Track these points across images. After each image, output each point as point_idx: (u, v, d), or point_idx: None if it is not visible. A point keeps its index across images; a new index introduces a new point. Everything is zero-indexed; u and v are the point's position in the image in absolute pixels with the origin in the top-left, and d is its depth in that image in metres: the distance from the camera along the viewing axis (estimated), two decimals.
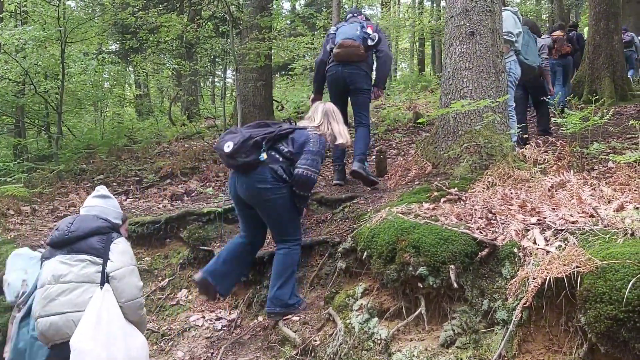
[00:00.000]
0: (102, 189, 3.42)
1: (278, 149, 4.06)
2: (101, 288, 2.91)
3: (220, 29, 12.44)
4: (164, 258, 5.71)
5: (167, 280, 5.47)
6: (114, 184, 8.58)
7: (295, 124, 4.39)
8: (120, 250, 3.07)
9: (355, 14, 5.74)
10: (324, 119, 4.40)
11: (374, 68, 5.72)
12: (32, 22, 10.54)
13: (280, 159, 4.03)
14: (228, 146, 3.93)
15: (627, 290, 2.25)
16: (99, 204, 3.28)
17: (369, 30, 5.45)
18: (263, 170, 3.97)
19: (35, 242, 5.85)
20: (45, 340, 2.88)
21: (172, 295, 5.31)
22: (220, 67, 17.96)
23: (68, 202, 7.70)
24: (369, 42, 5.41)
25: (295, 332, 3.84)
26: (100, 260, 2.97)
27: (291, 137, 4.13)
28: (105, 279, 2.94)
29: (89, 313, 2.79)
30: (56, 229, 3.08)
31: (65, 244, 3.00)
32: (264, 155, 3.96)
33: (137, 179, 8.79)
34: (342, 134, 4.45)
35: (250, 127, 4.28)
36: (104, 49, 16.21)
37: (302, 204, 4.26)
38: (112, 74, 12.49)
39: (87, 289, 2.88)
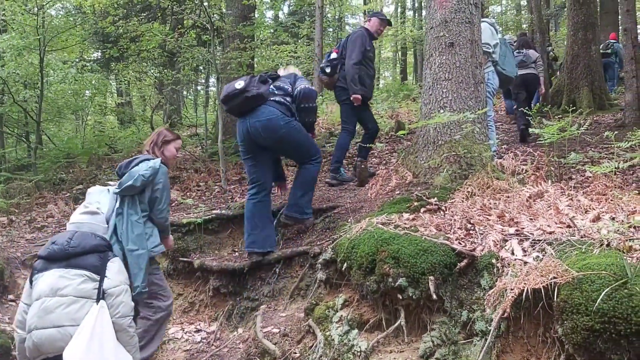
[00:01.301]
0: (89, 206, 3.47)
1: (279, 85, 4.70)
2: (97, 304, 2.93)
3: (202, 38, 12.41)
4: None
5: None
6: None
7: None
8: (117, 269, 3.13)
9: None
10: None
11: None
12: (11, 30, 10.41)
13: (282, 93, 4.64)
14: (239, 84, 4.49)
15: (602, 301, 2.27)
16: (88, 220, 3.32)
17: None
18: (270, 104, 4.54)
19: (12, 253, 5.74)
20: (36, 354, 2.85)
21: None
22: (203, 75, 17.89)
23: (46, 213, 7.59)
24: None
25: (275, 344, 3.80)
26: (97, 277, 3.01)
27: (285, 78, 4.81)
28: (101, 295, 2.98)
29: (83, 327, 2.81)
30: (53, 243, 3.09)
31: (64, 259, 3.01)
32: (274, 89, 4.64)
33: None
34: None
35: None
36: (85, 57, 16.07)
37: (311, 118, 4.79)
38: (92, 82, 12.35)
39: (83, 304, 2.91)
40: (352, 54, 5.97)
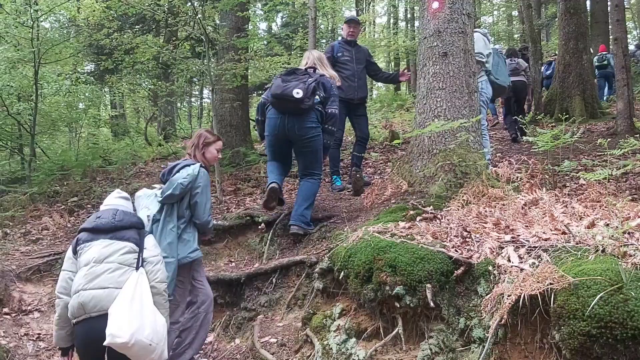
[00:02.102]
0: (121, 192, 3.84)
1: (317, 94, 4.96)
2: (137, 271, 3.27)
3: (196, 50, 12.45)
4: None
5: None
6: (88, 206, 8.41)
7: (314, 71, 5.20)
8: (153, 243, 3.52)
9: None
10: (322, 67, 5.35)
11: None
12: (5, 42, 10.41)
13: (318, 102, 4.96)
14: (298, 93, 4.75)
15: (599, 306, 2.29)
16: (123, 203, 3.69)
17: None
18: (313, 113, 4.93)
19: (7, 266, 5.71)
20: (80, 312, 3.14)
21: None
22: (197, 87, 17.93)
23: (41, 226, 7.55)
24: None
25: (272, 354, 3.79)
26: (137, 249, 3.36)
27: (322, 84, 5.03)
28: (141, 264, 3.31)
29: (126, 290, 3.15)
30: (98, 217, 3.47)
31: (110, 231, 3.37)
32: (317, 98, 4.95)
33: None
34: (334, 76, 5.43)
35: (291, 76, 5.00)
36: (79, 69, 16.07)
37: (330, 140, 5.20)
38: (86, 94, 12.33)
39: (126, 271, 3.24)
40: None
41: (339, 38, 6.81)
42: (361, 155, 6.60)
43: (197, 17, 8.39)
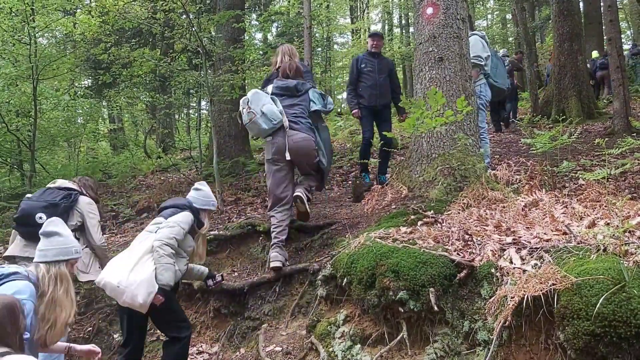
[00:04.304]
0: (198, 184, 4.39)
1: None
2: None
3: (193, 62, 12.48)
4: None
5: None
6: None
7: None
8: (182, 214, 3.98)
9: None
10: (292, 56, 5.53)
11: None
12: (3, 59, 10.46)
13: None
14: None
15: (602, 306, 2.30)
16: (191, 194, 4.29)
17: None
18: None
19: None
20: None
21: (151, 330, 5.20)
22: (195, 98, 17.99)
23: None
24: None
25: None
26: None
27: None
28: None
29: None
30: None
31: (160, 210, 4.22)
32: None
33: (113, 214, 8.67)
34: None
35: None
36: (76, 84, 16.12)
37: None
38: (85, 108, 12.36)
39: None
40: (348, 80, 6.98)
41: (365, 51, 7.37)
42: (386, 161, 7.03)
43: (193, 30, 8.43)
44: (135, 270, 3.61)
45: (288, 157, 4.79)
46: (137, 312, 3.60)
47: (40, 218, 4.39)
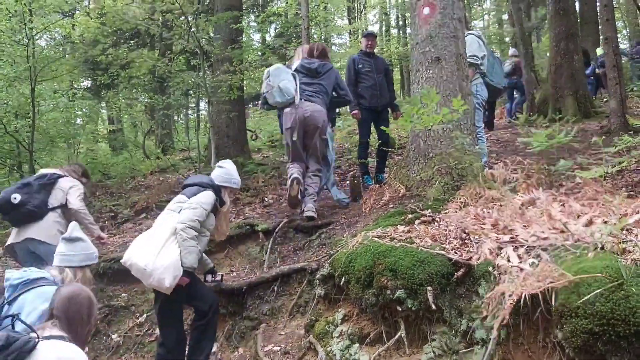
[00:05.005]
0: (222, 162, 4.55)
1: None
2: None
3: (191, 63, 12.50)
4: (141, 294, 5.59)
5: (144, 316, 5.35)
6: None
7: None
8: (203, 195, 4.12)
9: None
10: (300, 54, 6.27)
11: None
12: (1, 60, 10.44)
13: None
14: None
15: (600, 304, 2.30)
16: (215, 172, 4.45)
17: None
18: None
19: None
20: None
21: (150, 331, 5.20)
22: (193, 99, 17.96)
23: None
24: None
25: None
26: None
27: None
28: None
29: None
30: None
31: (184, 187, 4.36)
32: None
33: (112, 214, 8.66)
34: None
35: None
36: (75, 86, 16.10)
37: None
38: (83, 110, 12.36)
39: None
40: (345, 80, 6.86)
41: (359, 51, 7.33)
42: (384, 160, 7.14)
43: (191, 31, 8.44)
44: (162, 255, 3.78)
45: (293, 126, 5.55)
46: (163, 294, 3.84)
47: (15, 198, 4.76)
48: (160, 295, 3.88)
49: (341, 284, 3.70)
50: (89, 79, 15.55)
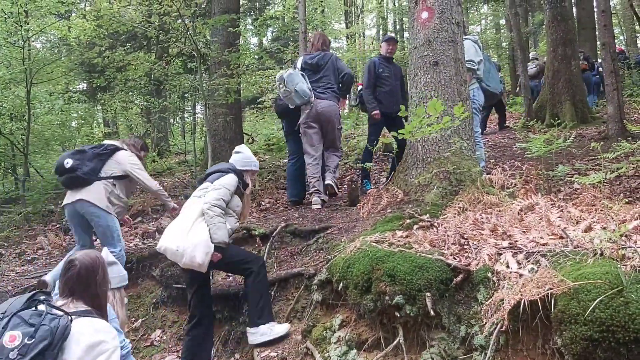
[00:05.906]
0: (238, 147, 4.82)
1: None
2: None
3: (188, 66, 12.46)
4: (136, 298, 5.56)
5: (140, 320, 5.32)
6: None
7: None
8: (226, 177, 4.31)
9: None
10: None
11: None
12: None
13: None
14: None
15: (600, 310, 2.29)
16: (233, 158, 4.65)
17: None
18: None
19: (2, 287, 5.65)
20: None
21: (145, 336, 5.17)
22: (190, 102, 17.93)
23: (36, 245, 7.49)
24: None
25: None
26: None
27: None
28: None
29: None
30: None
31: (207, 176, 4.52)
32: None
33: None
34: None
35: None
36: (71, 88, 16.05)
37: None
38: (79, 112, 12.32)
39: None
40: (364, 82, 7.13)
41: (378, 54, 7.32)
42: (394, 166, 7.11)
43: (188, 33, 8.42)
44: (191, 234, 3.98)
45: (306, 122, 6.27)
46: (198, 274, 4.05)
47: (67, 163, 5.06)
48: (195, 274, 4.07)
49: (339, 289, 3.67)
50: (85, 81, 15.52)
